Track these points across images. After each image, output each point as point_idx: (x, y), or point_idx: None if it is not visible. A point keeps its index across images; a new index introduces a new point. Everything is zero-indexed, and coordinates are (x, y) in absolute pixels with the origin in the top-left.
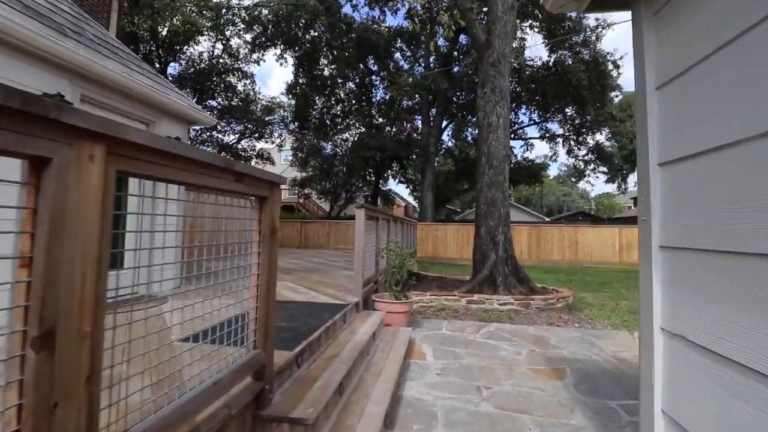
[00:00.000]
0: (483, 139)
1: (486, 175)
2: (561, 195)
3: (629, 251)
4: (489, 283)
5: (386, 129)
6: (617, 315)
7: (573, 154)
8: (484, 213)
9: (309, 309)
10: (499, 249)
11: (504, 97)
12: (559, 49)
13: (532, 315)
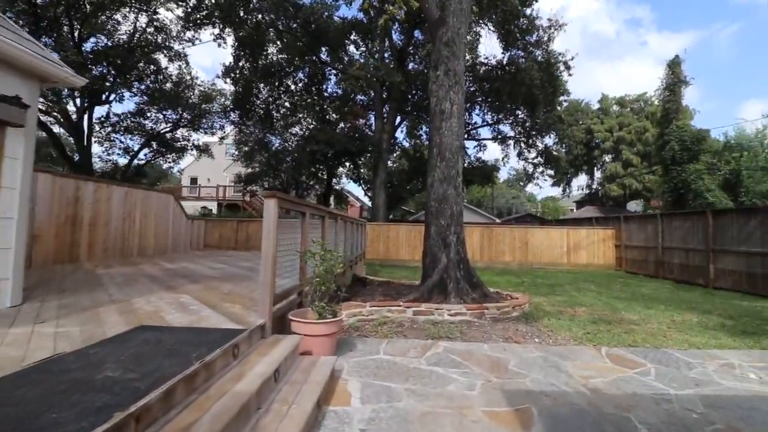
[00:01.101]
0: (435, 128)
1: (437, 169)
2: (510, 197)
3: (576, 252)
4: (439, 289)
5: (339, 125)
6: (578, 325)
7: (523, 156)
8: (434, 211)
9: (184, 339)
10: (451, 251)
11: (458, 81)
12: (512, 48)
13: (487, 327)
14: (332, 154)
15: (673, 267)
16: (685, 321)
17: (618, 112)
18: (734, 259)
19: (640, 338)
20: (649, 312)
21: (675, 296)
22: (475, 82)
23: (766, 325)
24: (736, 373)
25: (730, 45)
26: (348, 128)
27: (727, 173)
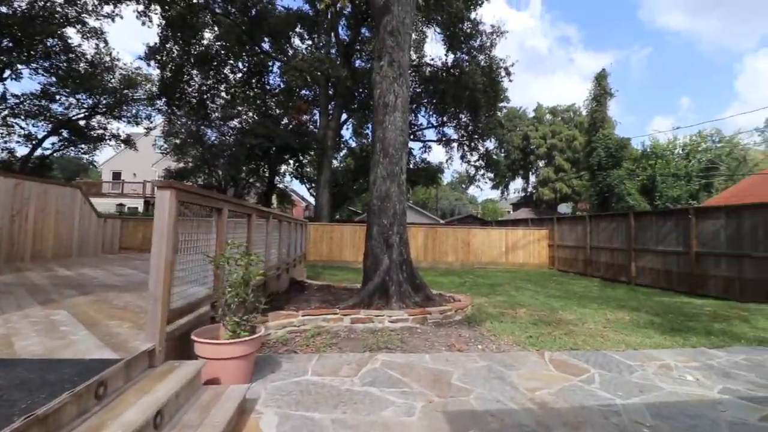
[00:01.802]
0: (378, 122)
1: (380, 165)
2: (454, 199)
3: (513, 252)
4: (381, 293)
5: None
6: (520, 328)
7: (466, 159)
8: (377, 209)
9: (22, 378)
10: (394, 252)
11: (403, 73)
12: (457, 51)
13: (429, 334)
14: (273, 149)
15: (599, 265)
16: (618, 320)
17: (551, 120)
18: (653, 257)
19: (580, 340)
20: (584, 311)
21: (604, 294)
22: (421, 83)
23: (688, 321)
24: (674, 375)
25: (643, 66)
26: (292, 124)
27: (645, 179)
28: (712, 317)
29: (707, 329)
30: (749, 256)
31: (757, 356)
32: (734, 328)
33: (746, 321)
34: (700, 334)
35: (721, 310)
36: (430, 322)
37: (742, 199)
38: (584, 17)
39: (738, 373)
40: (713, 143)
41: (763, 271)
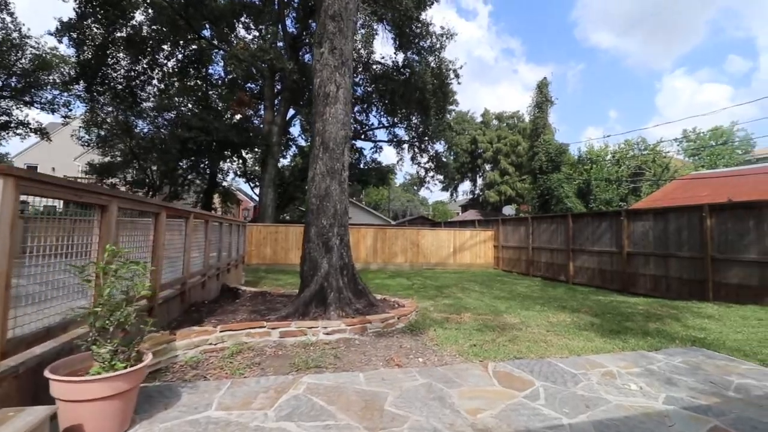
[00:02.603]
0: (318, 114)
1: (320, 161)
2: (405, 201)
3: (461, 253)
4: (318, 300)
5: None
6: (464, 335)
7: (416, 161)
8: (315, 209)
9: None
10: (333, 255)
11: (346, 63)
12: (408, 50)
13: (368, 346)
14: (212, 144)
15: (541, 265)
16: (560, 322)
17: (497, 126)
18: (589, 257)
19: (524, 347)
20: (527, 314)
21: (545, 294)
22: (372, 81)
23: (625, 321)
24: (618, 384)
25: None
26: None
27: (581, 182)
28: (646, 316)
29: (644, 330)
30: (674, 256)
31: (692, 358)
32: (668, 328)
33: (677, 319)
34: (638, 335)
35: (653, 309)
36: (370, 332)
37: (666, 202)
38: (527, 32)
39: (679, 378)
40: (639, 151)
41: (686, 270)
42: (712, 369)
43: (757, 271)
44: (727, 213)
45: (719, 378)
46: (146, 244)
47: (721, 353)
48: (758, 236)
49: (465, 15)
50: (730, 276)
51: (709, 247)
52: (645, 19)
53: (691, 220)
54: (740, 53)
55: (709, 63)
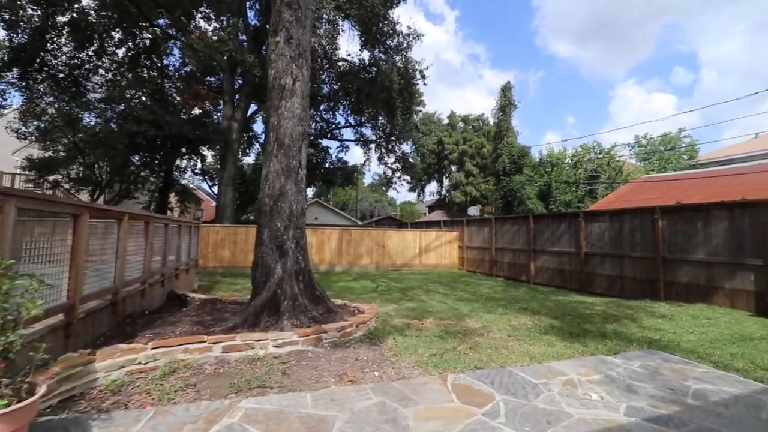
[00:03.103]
0: (273, 108)
1: (274, 158)
2: (373, 201)
3: (427, 254)
4: (271, 309)
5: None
6: (425, 344)
7: (383, 161)
8: (269, 210)
9: None
10: (288, 260)
11: (303, 54)
12: (374, 48)
13: (321, 359)
14: (164, 140)
15: (503, 266)
16: (521, 325)
17: (463, 128)
18: (549, 257)
19: (485, 355)
20: (490, 317)
21: (508, 294)
22: (338, 79)
23: (584, 323)
24: (579, 395)
25: (538, 87)
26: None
27: (542, 184)
28: (604, 317)
29: (602, 332)
30: (629, 256)
31: (650, 362)
32: (625, 329)
33: (633, 320)
34: (597, 338)
35: (610, 309)
36: (325, 342)
37: (620, 204)
38: (491, 38)
39: (638, 385)
40: (595, 155)
41: (639, 270)
42: (670, 373)
43: (705, 271)
44: (676, 215)
45: (677, 383)
46: (63, 251)
47: (677, 355)
48: (705, 237)
49: (433, 19)
50: (680, 276)
51: (661, 248)
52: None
53: (644, 222)
54: (684, 65)
55: (657, 74)
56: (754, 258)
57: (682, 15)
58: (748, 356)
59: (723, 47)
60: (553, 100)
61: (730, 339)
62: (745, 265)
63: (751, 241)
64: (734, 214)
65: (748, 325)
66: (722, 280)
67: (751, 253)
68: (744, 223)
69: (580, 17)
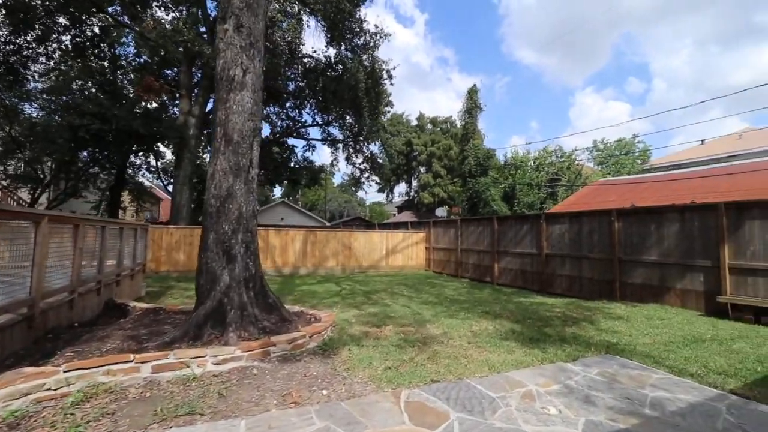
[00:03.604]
0: (221, 101)
1: (221, 156)
2: (343, 201)
3: (393, 255)
4: (216, 320)
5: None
6: (381, 355)
7: (351, 161)
8: (215, 212)
9: None
10: (237, 266)
11: (255, 44)
12: (340, 46)
13: (266, 376)
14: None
15: (469, 267)
16: (482, 331)
17: (431, 130)
18: (512, 258)
19: (443, 366)
20: (451, 323)
21: (472, 296)
22: (304, 77)
23: (544, 326)
24: (537, 409)
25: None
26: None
27: (507, 186)
28: (563, 320)
29: (561, 336)
30: (587, 257)
31: (608, 368)
32: (583, 332)
33: (591, 322)
34: (556, 342)
35: (569, 311)
36: (274, 356)
37: (579, 206)
38: (459, 43)
39: (597, 395)
40: (556, 158)
41: (597, 271)
42: (627, 381)
43: (658, 272)
44: (632, 217)
45: (635, 392)
46: None
47: (634, 360)
48: (658, 239)
49: (403, 21)
50: (635, 276)
51: (617, 249)
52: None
53: (601, 224)
54: (638, 76)
55: (613, 83)
56: (704, 259)
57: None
58: (701, 359)
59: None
60: (518, 105)
61: (683, 341)
62: (694, 267)
63: (701, 243)
64: (685, 217)
65: (699, 325)
66: (674, 281)
67: (701, 255)
68: (694, 226)
69: (543, 26)
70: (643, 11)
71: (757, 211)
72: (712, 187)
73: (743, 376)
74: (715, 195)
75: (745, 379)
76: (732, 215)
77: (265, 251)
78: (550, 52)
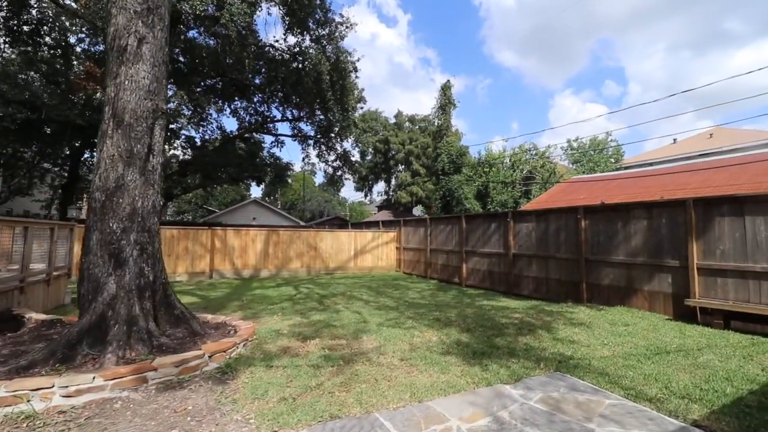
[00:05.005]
0: (111, 76)
1: (108, 140)
2: (323, 201)
3: (362, 256)
4: (96, 338)
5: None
6: (286, 379)
7: (323, 158)
8: (100, 207)
9: None
10: (128, 271)
11: (156, 10)
12: (301, 34)
13: (127, 414)
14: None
15: (437, 267)
16: (424, 343)
17: (409, 128)
18: (480, 259)
19: (353, 395)
20: (393, 333)
21: (434, 300)
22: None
23: (496, 336)
24: None
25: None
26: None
27: (480, 184)
28: (518, 328)
29: (511, 348)
30: (554, 257)
31: (554, 392)
32: (537, 343)
33: (549, 329)
34: (503, 357)
35: (528, 317)
36: (153, 383)
37: (550, 204)
38: (442, 44)
39: None
40: (531, 156)
41: (564, 272)
42: (573, 410)
43: (625, 273)
44: (599, 215)
45: (579, 427)
46: None
47: (587, 379)
48: (625, 237)
49: (386, 21)
50: (602, 277)
51: (584, 249)
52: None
53: (568, 222)
54: (614, 79)
55: (590, 85)
56: (672, 259)
57: (613, 32)
58: (663, 377)
59: (646, 64)
60: (499, 107)
61: (646, 353)
62: (662, 267)
63: (669, 242)
64: (653, 214)
65: (665, 332)
66: (642, 282)
67: (669, 254)
68: (662, 224)
69: (523, 30)
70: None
71: (727, 207)
72: (683, 183)
73: (709, 400)
74: (685, 191)
75: (712, 404)
76: (700, 212)
77: (224, 252)
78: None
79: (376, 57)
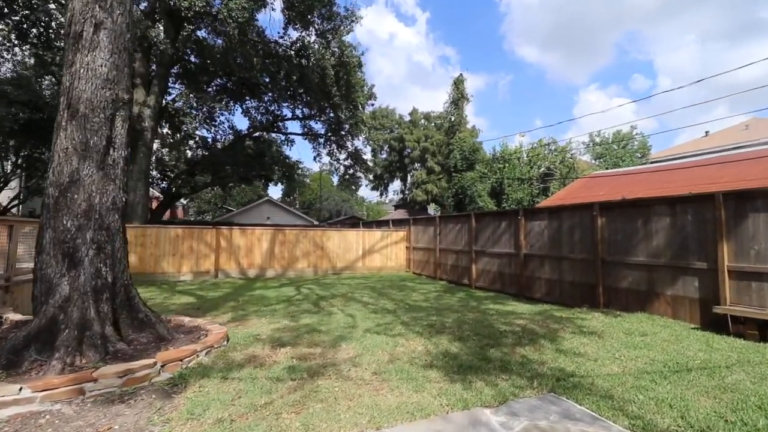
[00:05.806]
0: (66, 65)
1: (62, 132)
2: (341, 200)
3: (371, 255)
4: (45, 342)
5: None
6: (237, 392)
7: (334, 156)
8: (53, 204)
9: None
10: (83, 272)
11: None
12: (304, 29)
13: (49, 430)
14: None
15: (447, 268)
16: (406, 353)
17: (424, 125)
18: (490, 259)
19: (301, 418)
20: (374, 341)
21: (437, 303)
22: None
23: (492, 346)
24: None
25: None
26: None
27: (495, 181)
28: (519, 337)
29: (504, 362)
30: (568, 258)
31: (541, 420)
32: (537, 355)
33: (553, 339)
34: (494, 372)
35: (534, 323)
36: (92, 395)
37: (567, 201)
38: (461, 42)
39: None
40: (550, 151)
41: (579, 273)
42: None
43: (645, 275)
44: (616, 212)
45: None
46: None
47: (585, 404)
48: (646, 236)
49: (404, 20)
50: (620, 280)
51: (600, 249)
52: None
53: (583, 220)
54: (642, 72)
55: (617, 80)
56: (698, 260)
57: (640, 25)
58: (680, 403)
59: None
60: (521, 104)
61: (663, 370)
62: (688, 269)
63: (695, 241)
64: (676, 211)
65: (688, 344)
66: (664, 286)
67: (695, 255)
68: (687, 221)
69: (545, 24)
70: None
71: (762, 201)
72: (715, 177)
73: None
74: (717, 186)
75: None
76: (731, 207)
77: (229, 252)
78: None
79: (395, 56)
